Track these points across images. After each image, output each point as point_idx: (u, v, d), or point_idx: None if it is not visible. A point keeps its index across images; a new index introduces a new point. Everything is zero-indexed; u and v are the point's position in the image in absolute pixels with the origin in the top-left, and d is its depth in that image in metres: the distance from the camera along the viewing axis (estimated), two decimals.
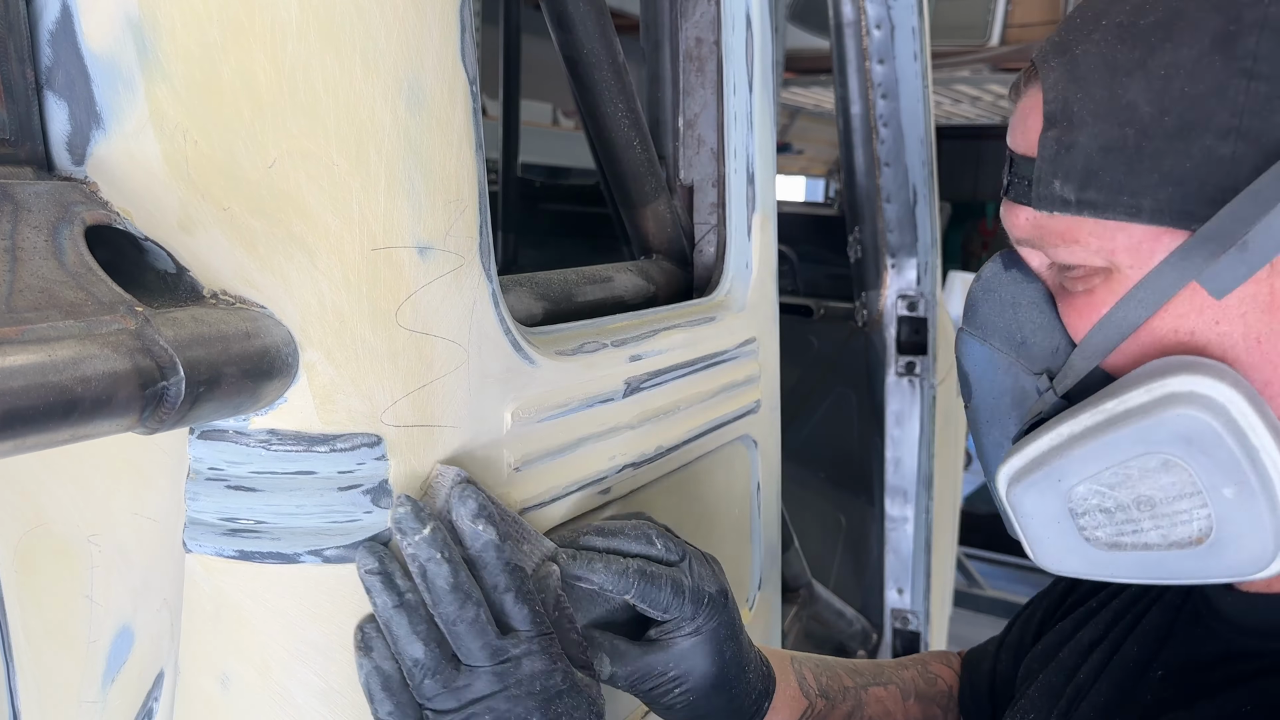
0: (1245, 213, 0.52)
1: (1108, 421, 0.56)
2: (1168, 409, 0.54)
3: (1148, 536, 0.57)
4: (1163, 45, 0.54)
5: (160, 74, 0.57)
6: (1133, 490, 0.56)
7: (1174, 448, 0.54)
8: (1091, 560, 0.59)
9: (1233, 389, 0.53)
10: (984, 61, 5.44)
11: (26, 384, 0.45)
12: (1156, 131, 0.54)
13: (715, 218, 1.12)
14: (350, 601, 0.63)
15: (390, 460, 0.63)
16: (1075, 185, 0.57)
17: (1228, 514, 0.54)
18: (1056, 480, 0.58)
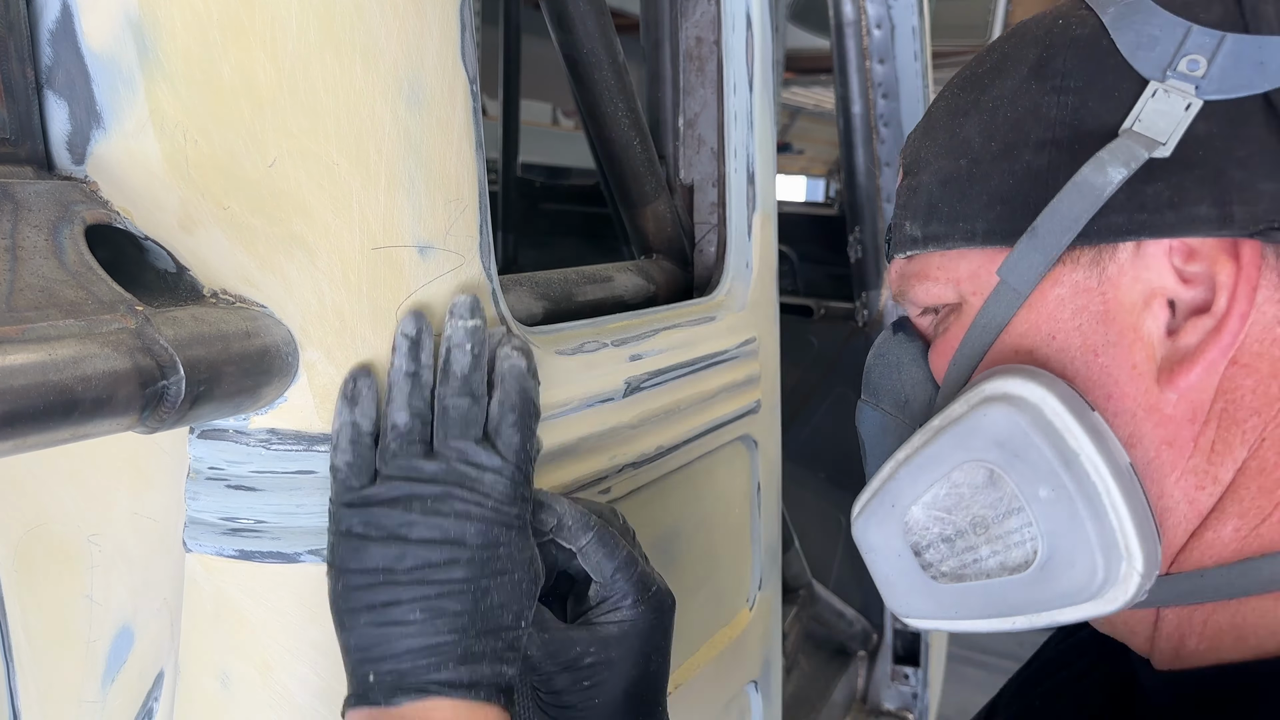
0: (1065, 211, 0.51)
1: (931, 436, 0.55)
2: (982, 412, 0.52)
3: (986, 564, 0.53)
4: (993, 83, 0.57)
5: (160, 73, 0.57)
6: (967, 511, 0.53)
7: (990, 452, 0.52)
8: (939, 600, 0.56)
9: (1044, 388, 0.50)
10: None
11: (27, 383, 0.45)
12: (984, 157, 0.55)
13: (715, 217, 1.12)
14: None
15: None
16: (921, 222, 0.58)
17: (1051, 528, 0.50)
18: (891, 505, 0.56)
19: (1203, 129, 0.49)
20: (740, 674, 1.14)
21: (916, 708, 2.20)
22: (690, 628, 1.04)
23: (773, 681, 1.23)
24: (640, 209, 1.09)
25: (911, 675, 2.19)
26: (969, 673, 3.82)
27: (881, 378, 0.64)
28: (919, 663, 2.19)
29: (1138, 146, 0.49)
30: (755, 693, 1.19)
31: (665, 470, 0.93)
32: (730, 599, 1.12)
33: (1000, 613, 0.54)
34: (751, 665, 1.17)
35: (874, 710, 2.22)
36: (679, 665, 1.02)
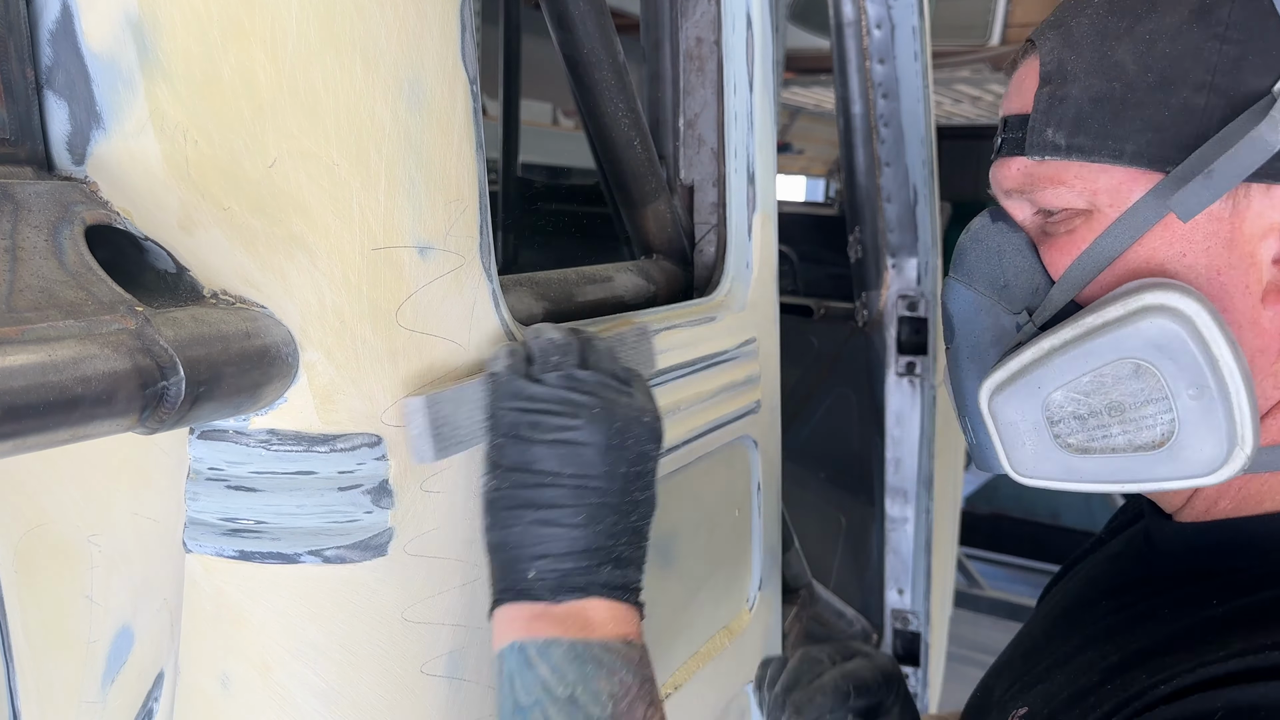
0: (1214, 155, 0.59)
1: (1086, 333, 0.62)
2: (1142, 319, 0.60)
3: (1115, 440, 0.63)
4: (1148, 14, 0.62)
5: (160, 74, 0.57)
6: (1105, 396, 0.62)
7: (1146, 353, 0.60)
8: (1063, 465, 0.65)
9: (1198, 304, 0.59)
10: (984, 61, 5.44)
11: (27, 384, 0.45)
12: (1140, 85, 0.61)
13: (715, 217, 1.12)
14: (350, 602, 0.63)
15: (390, 460, 0.63)
16: (1066, 132, 0.64)
17: (1188, 417, 0.60)
18: (1036, 388, 0.64)
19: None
20: (740, 674, 1.14)
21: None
22: (690, 628, 1.04)
23: None
24: (640, 209, 1.09)
25: (911, 675, 2.19)
26: (969, 672, 3.83)
27: (979, 261, 0.70)
28: (919, 662, 2.19)
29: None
30: (755, 693, 1.19)
31: (665, 470, 0.93)
32: (730, 599, 1.12)
33: (1116, 480, 0.64)
34: (751, 665, 1.17)
35: None
36: (680, 665, 1.02)
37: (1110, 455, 0.63)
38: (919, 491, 2.10)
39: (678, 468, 0.96)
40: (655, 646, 0.97)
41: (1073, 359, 0.62)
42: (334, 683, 0.63)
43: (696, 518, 1.03)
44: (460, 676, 0.70)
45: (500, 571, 0.63)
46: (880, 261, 2.08)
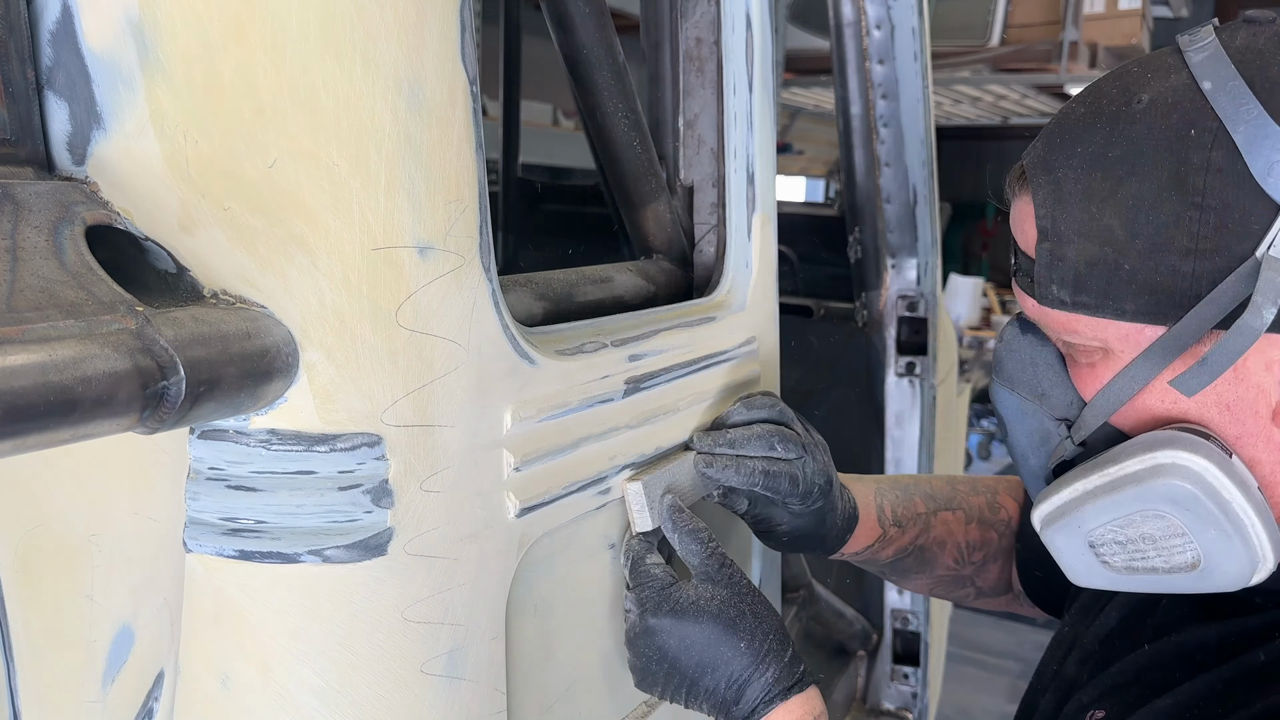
0: (1209, 314, 0.65)
1: (1112, 484, 0.70)
2: (1157, 478, 0.68)
3: (1154, 562, 0.70)
4: (1129, 178, 0.66)
5: (161, 74, 0.57)
6: (1137, 530, 0.70)
7: (1164, 506, 0.68)
8: (1112, 580, 0.74)
9: (1205, 459, 0.66)
10: (984, 62, 5.44)
11: (27, 384, 0.45)
12: (1130, 251, 0.66)
13: (715, 218, 1.12)
14: (350, 602, 0.63)
15: (390, 460, 0.63)
16: (1069, 291, 0.70)
17: (1211, 549, 0.67)
18: (1077, 526, 0.73)
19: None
20: None
21: (916, 707, 2.20)
22: None
23: None
24: (640, 209, 1.09)
25: (911, 675, 2.19)
26: (969, 672, 3.82)
27: (1018, 369, 0.78)
28: (918, 662, 2.19)
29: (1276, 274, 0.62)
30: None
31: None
32: None
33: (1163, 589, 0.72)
34: None
35: (873, 710, 2.22)
36: None
37: (1152, 574, 0.71)
38: None
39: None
40: None
41: (1103, 506, 0.71)
42: (334, 682, 0.63)
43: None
44: (460, 676, 0.70)
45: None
46: (880, 262, 2.08)
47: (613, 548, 0.88)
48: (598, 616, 0.88)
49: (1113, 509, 0.70)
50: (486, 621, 0.71)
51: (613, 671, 0.91)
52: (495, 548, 0.72)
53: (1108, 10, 5.54)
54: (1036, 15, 5.45)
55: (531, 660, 0.79)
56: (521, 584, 0.76)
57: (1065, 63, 5.33)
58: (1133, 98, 0.68)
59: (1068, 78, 5.37)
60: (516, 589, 0.75)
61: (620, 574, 0.89)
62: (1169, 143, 0.65)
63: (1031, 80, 5.68)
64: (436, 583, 0.67)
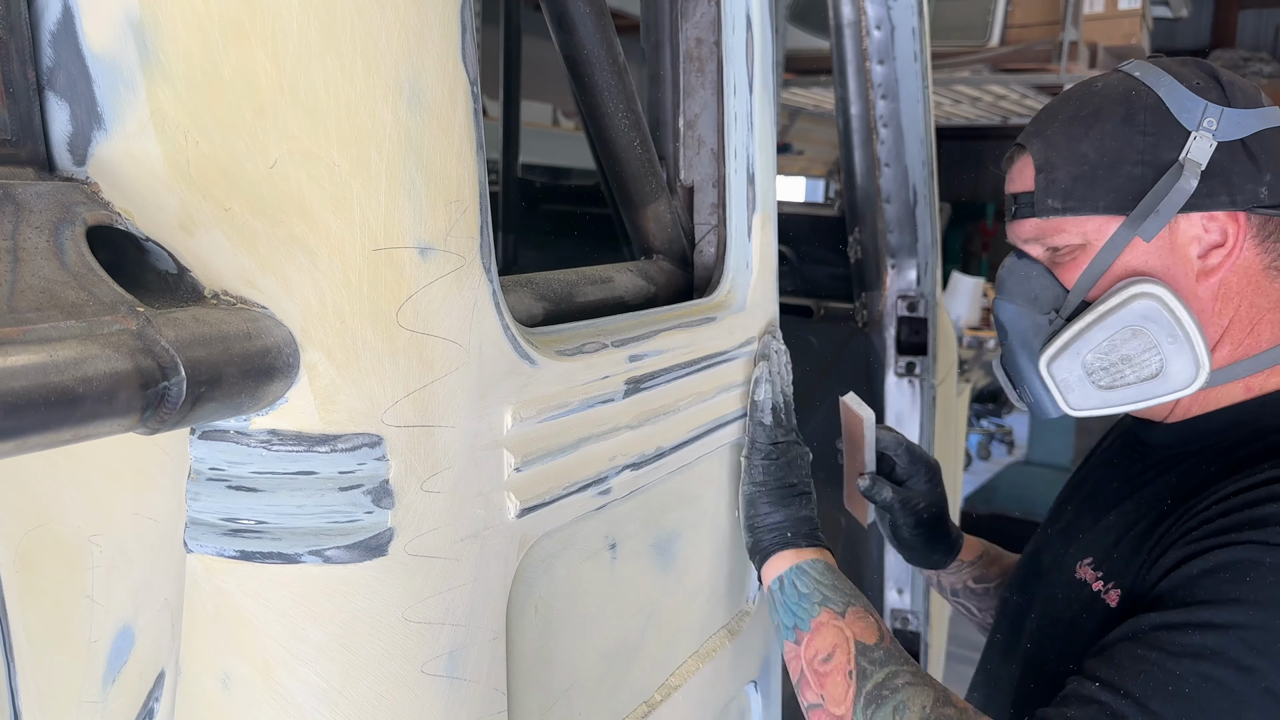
0: (1152, 201, 0.95)
1: (1100, 316, 0.98)
2: (1135, 301, 0.96)
3: (1129, 378, 0.98)
4: (1097, 122, 0.98)
5: (161, 75, 0.57)
6: (1119, 352, 0.98)
7: (1139, 321, 0.96)
8: (1101, 399, 1.00)
9: (1164, 288, 0.95)
10: (984, 62, 5.44)
11: (28, 384, 0.45)
12: (1101, 166, 0.98)
13: (715, 218, 1.12)
14: (351, 602, 0.63)
15: (391, 460, 0.63)
16: (1060, 199, 1.00)
17: (1170, 354, 0.95)
18: (1076, 354, 1.00)
19: (1218, 156, 0.95)
20: (740, 674, 1.15)
21: None
22: (690, 628, 1.04)
23: (773, 681, 1.23)
24: (640, 210, 1.09)
25: None
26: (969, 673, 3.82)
27: (1015, 284, 1.05)
28: (918, 662, 2.19)
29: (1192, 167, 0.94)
30: (755, 693, 1.19)
31: (665, 471, 0.93)
32: (730, 599, 1.13)
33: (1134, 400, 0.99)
34: (751, 665, 1.17)
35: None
36: (679, 665, 1.02)
37: (1127, 387, 0.99)
38: None
39: (678, 468, 0.96)
40: (655, 646, 0.97)
41: (1095, 331, 0.98)
42: (334, 682, 0.63)
43: (696, 518, 1.03)
44: (460, 676, 0.70)
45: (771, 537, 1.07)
46: (880, 262, 2.08)
47: (614, 548, 0.88)
48: (598, 616, 0.88)
49: (1103, 331, 0.97)
50: (487, 622, 0.72)
51: (613, 671, 0.91)
52: (496, 548, 0.72)
53: (1107, 10, 5.54)
54: (1036, 15, 5.45)
55: (532, 660, 0.79)
56: (522, 584, 0.76)
57: (1065, 63, 5.33)
58: (1091, 85, 1.02)
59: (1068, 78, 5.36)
60: (517, 589, 0.75)
61: (620, 572, 0.89)
62: (1120, 98, 0.98)
63: (1031, 80, 5.68)
64: (437, 583, 0.67)
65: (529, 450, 0.74)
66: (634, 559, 0.92)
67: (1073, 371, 1.00)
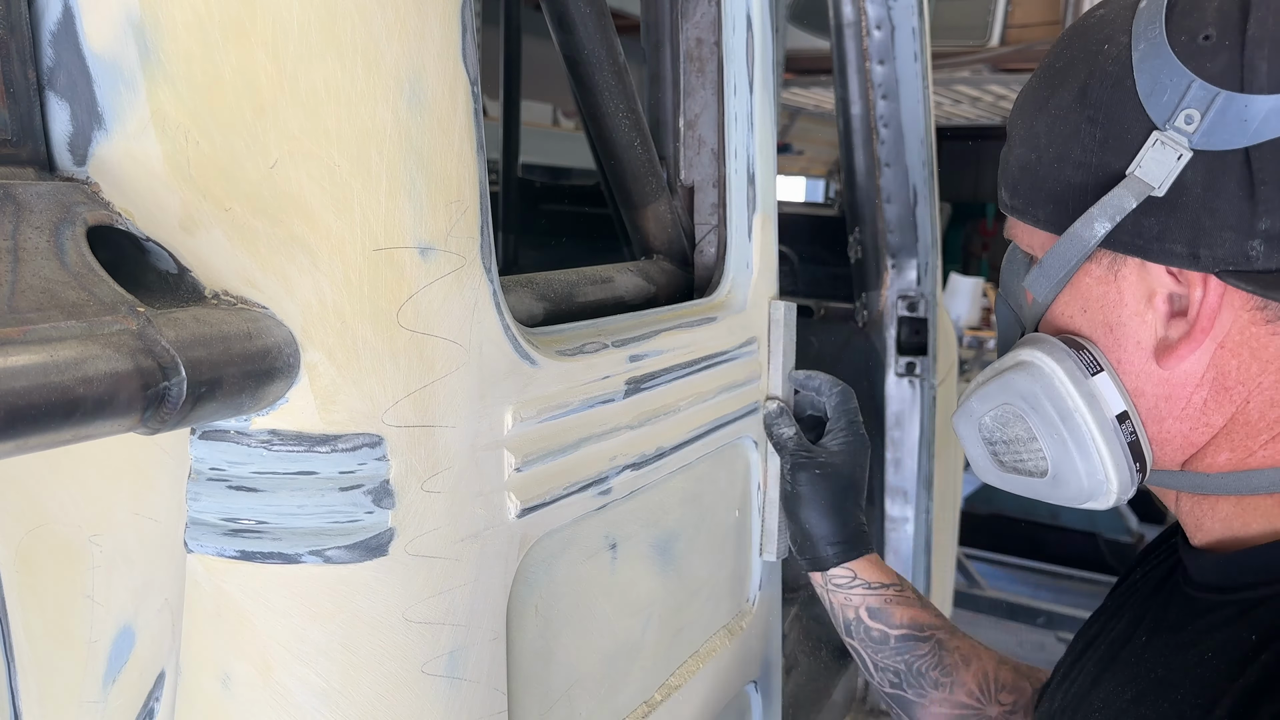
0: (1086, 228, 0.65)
1: (991, 375, 0.74)
2: (1015, 372, 0.71)
3: (1027, 465, 0.73)
4: (1059, 89, 0.67)
5: (162, 74, 0.57)
6: (1011, 430, 0.73)
7: (1017, 401, 0.71)
8: (1001, 479, 0.76)
9: (1058, 365, 0.68)
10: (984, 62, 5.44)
11: (29, 384, 0.45)
12: (1046, 158, 0.68)
13: (716, 218, 1.12)
14: (351, 602, 0.63)
15: (391, 460, 0.63)
16: (1008, 193, 0.73)
17: (1056, 457, 0.70)
18: (969, 414, 0.76)
19: (1189, 176, 0.61)
20: (740, 674, 1.15)
21: None
22: (690, 628, 1.04)
23: (773, 681, 1.23)
24: (641, 210, 1.09)
25: None
26: None
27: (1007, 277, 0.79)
28: None
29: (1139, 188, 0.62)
30: (755, 693, 1.19)
31: (666, 471, 0.93)
32: (730, 599, 1.12)
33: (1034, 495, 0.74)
34: (751, 665, 1.17)
35: (873, 710, 2.22)
36: (680, 665, 1.02)
37: (1026, 476, 0.74)
38: (919, 492, 2.10)
39: (678, 468, 0.96)
40: (655, 646, 0.97)
41: (982, 395, 0.74)
42: (335, 683, 0.63)
43: (697, 518, 1.03)
44: (461, 676, 0.70)
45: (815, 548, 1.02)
46: (880, 262, 2.08)
47: (614, 548, 0.88)
48: (598, 616, 0.88)
49: (988, 399, 0.74)
50: (487, 622, 0.72)
51: (613, 671, 0.91)
52: (496, 548, 0.72)
53: None
54: (1036, 15, 5.45)
55: (532, 660, 0.79)
56: (522, 584, 0.76)
57: None
58: (1095, 10, 0.69)
59: None
60: (517, 589, 0.75)
61: (621, 572, 0.89)
62: (1088, 55, 0.65)
63: None
64: (437, 583, 0.67)
65: (529, 450, 0.74)
66: (634, 559, 0.92)
67: (971, 433, 0.76)
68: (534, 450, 0.74)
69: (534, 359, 0.74)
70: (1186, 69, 0.60)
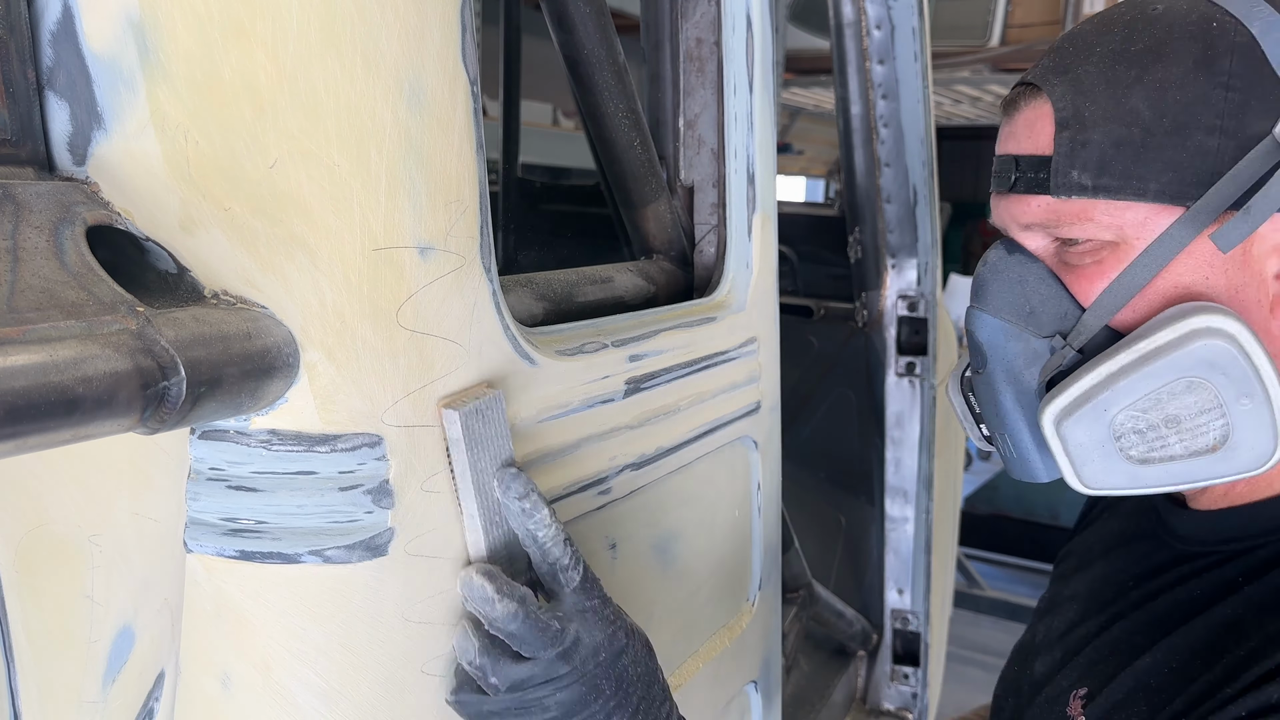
0: (1229, 190, 0.66)
1: (1143, 357, 0.68)
2: (1195, 340, 0.66)
3: (1173, 449, 0.69)
4: (1155, 65, 0.68)
5: (161, 74, 0.57)
6: (1162, 411, 0.69)
7: (1201, 370, 0.67)
8: (1129, 475, 0.71)
9: (1240, 324, 0.66)
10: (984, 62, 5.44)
11: (28, 384, 0.45)
12: (1157, 129, 0.68)
13: (716, 218, 1.12)
14: (351, 602, 0.63)
15: (391, 460, 0.63)
16: (1092, 174, 0.70)
17: (1241, 421, 0.67)
18: (1103, 410, 0.70)
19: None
20: (740, 674, 1.15)
21: (916, 707, 2.20)
22: (690, 628, 1.04)
23: (773, 681, 1.23)
24: (640, 210, 1.09)
25: (911, 675, 2.19)
26: (969, 672, 3.83)
27: (1002, 290, 0.75)
28: (918, 662, 2.19)
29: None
30: (755, 693, 1.19)
31: (666, 470, 0.93)
32: (730, 599, 1.12)
33: (1177, 481, 0.70)
34: (751, 665, 1.17)
35: (873, 710, 2.22)
36: (680, 665, 1.02)
37: (1170, 463, 0.70)
38: (919, 491, 2.10)
39: (678, 468, 0.96)
40: (656, 646, 0.97)
41: (1134, 381, 0.68)
42: (334, 683, 0.63)
43: (696, 518, 1.03)
44: None
45: None
46: (880, 262, 2.08)
47: (614, 548, 0.88)
48: None
49: (1145, 384, 0.68)
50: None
51: None
52: None
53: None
54: (1036, 15, 5.45)
55: None
56: None
57: None
58: (1148, 6, 0.71)
59: None
60: None
61: (620, 572, 0.89)
62: (1194, 33, 0.68)
63: None
64: (437, 583, 0.67)
65: (529, 450, 0.74)
66: (634, 559, 0.92)
67: (1094, 434, 0.70)
68: (533, 450, 0.74)
69: (534, 359, 0.74)
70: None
